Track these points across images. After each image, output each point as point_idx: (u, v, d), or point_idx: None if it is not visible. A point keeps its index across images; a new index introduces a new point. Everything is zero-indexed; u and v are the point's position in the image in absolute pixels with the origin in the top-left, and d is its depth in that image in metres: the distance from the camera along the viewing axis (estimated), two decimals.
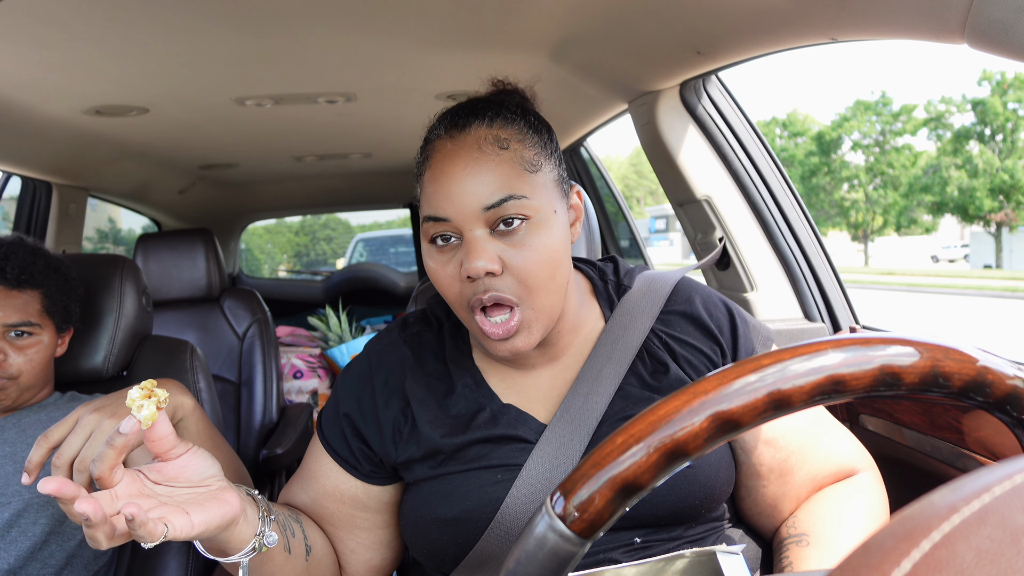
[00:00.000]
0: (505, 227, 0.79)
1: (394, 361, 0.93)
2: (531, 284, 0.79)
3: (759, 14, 1.06)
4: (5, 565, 1.06)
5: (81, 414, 0.90)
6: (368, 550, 0.94)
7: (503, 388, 0.90)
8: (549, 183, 0.83)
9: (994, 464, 0.27)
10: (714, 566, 0.65)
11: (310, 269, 12.16)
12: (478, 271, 0.77)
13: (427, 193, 0.82)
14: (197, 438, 1.02)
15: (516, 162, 0.80)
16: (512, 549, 0.46)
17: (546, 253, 0.80)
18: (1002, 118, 26.16)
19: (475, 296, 0.80)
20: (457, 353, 0.93)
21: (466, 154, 0.80)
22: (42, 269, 1.20)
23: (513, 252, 0.79)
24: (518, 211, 0.78)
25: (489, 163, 0.79)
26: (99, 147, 2.19)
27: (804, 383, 0.43)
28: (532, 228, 0.80)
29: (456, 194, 0.78)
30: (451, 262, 0.81)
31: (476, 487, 0.83)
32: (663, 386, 0.87)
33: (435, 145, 0.83)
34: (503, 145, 0.80)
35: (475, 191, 0.78)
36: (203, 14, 1.23)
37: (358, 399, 0.92)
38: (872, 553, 0.24)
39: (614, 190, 3.05)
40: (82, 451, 0.88)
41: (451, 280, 0.81)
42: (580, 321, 0.92)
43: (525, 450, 0.84)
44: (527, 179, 0.80)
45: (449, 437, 0.86)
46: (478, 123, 0.82)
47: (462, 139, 0.81)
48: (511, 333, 0.80)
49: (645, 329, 0.90)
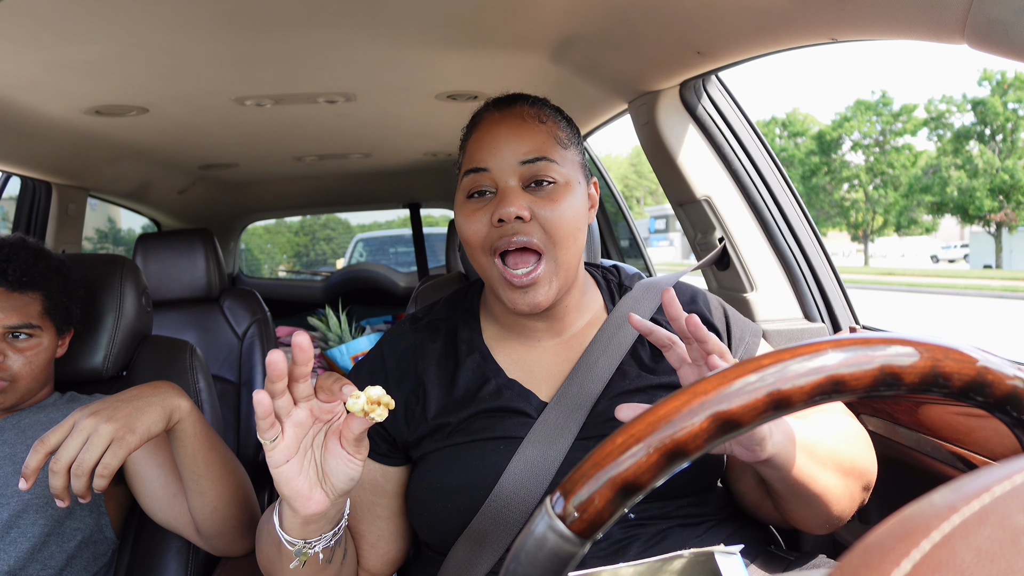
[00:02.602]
0: (536, 185, 0.90)
1: (406, 348, 1.00)
2: (556, 236, 0.88)
3: (759, 14, 1.06)
4: (5, 566, 1.06)
5: (77, 418, 0.90)
6: (387, 542, 0.98)
7: (509, 364, 0.96)
8: (576, 162, 0.95)
9: (994, 464, 0.27)
10: (712, 566, 0.65)
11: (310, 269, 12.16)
12: (510, 215, 0.86)
13: (470, 152, 0.93)
14: (195, 440, 1.01)
15: (551, 135, 0.92)
16: (512, 549, 0.46)
17: (571, 213, 0.90)
18: (1002, 118, 26.17)
19: (501, 239, 0.88)
20: (468, 332, 1.00)
21: (510, 120, 0.92)
22: (44, 271, 1.20)
23: (542, 204, 0.88)
24: (548, 173, 0.90)
25: (529, 129, 0.91)
26: (99, 147, 2.19)
27: (804, 383, 0.43)
28: (560, 189, 0.90)
29: (498, 148, 0.90)
30: (482, 211, 0.90)
31: (479, 456, 0.88)
32: (660, 368, 0.94)
33: (482, 115, 0.96)
34: (542, 120, 0.93)
35: (515, 147, 0.90)
36: (203, 14, 1.23)
37: (372, 381, 0.96)
38: (872, 553, 0.24)
39: (614, 190, 3.05)
40: (79, 455, 0.88)
41: (479, 226, 0.90)
42: (585, 304, 1.01)
43: (526, 424, 0.90)
44: (559, 151, 0.92)
45: (456, 410, 0.91)
46: (523, 102, 0.96)
47: (508, 111, 0.94)
48: (534, 282, 0.88)
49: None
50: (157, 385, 1.01)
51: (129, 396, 0.96)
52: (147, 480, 1.13)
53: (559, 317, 0.97)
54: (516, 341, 0.99)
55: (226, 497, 1.07)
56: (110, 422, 0.90)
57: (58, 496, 0.89)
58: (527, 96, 0.98)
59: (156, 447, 1.13)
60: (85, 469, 0.88)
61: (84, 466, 0.88)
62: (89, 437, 0.89)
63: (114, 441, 0.89)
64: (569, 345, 0.98)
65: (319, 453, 0.75)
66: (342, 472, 0.74)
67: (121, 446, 0.89)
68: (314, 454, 0.75)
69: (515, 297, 0.89)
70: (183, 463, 1.03)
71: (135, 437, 0.91)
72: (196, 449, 1.02)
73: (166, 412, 0.97)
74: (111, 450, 0.89)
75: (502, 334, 1.00)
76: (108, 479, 0.89)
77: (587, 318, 1.00)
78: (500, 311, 0.99)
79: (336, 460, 0.74)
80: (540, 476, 0.85)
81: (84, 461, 0.88)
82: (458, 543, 0.88)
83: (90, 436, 0.89)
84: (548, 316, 0.96)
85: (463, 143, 0.98)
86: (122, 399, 0.95)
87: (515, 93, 0.99)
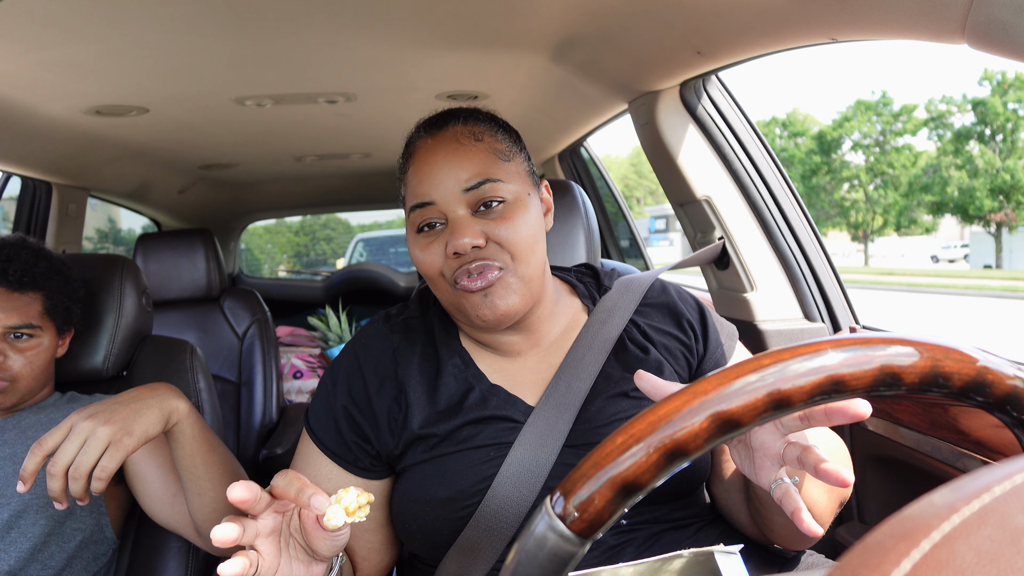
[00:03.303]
0: (486, 208, 0.86)
1: (382, 350, 0.95)
2: (515, 252, 0.85)
3: (759, 14, 1.06)
4: (5, 566, 1.06)
5: (75, 421, 0.90)
6: (378, 552, 0.96)
7: (491, 371, 0.93)
8: (522, 172, 0.91)
9: (994, 464, 0.27)
10: (712, 566, 0.65)
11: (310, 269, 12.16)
12: (464, 247, 0.83)
13: (411, 185, 0.89)
14: (193, 442, 1.01)
15: (490, 152, 0.88)
16: (512, 549, 0.46)
17: (526, 228, 0.87)
18: (1002, 118, 26.16)
19: (460, 269, 0.84)
20: (445, 335, 0.96)
21: (445, 146, 0.88)
22: (44, 271, 1.20)
23: (495, 226, 0.85)
24: (495, 193, 0.86)
25: (466, 152, 0.87)
26: (99, 147, 2.19)
27: (804, 383, 0.43)
28: (510, 207, 0.87)
29: (438, 178, 0.86)
30: (436, 243, 0.86)
31: (468, 466, 0.86)
32: (643, 368, 0.91)
33: (416, 144, 0.92)
34: (478, 138, 0.89)
35: (455, 175, 0.86)
36: (203, 14, 1.23)
37: (350, 391, 0.92)
38: (872, 553, 0.24)
39: (614, 190, 3.05)
40: (77, 458, 0.87)
41: (435, 259, 0.86)
42: (559, 311, 0.98)
43: (514, 429, 0.87)
44: (501, 166, 0.88)
45: (441, 420, 0.88)
46: (454, 122, 0.91)
47: (440, 135, 0.89)
48: (490, 284, 0.84)
49: (623, 322, 0.95)
50: (155, 387, 1.01)
51: (127, 398, 0.96)
52: (147, 480, 1.13)
53: (533, 328, 0.94)
54: (495, 353, 0.95)
55: (225, 498, 1.07)
56: (107, 424, 0.89)
57: (56, 499, 0.89)
58: (457, 112, 0.93)
59: (156, 447, 1.13)
60: (83, 472, 0.87)
61: (82, 469, 0.87)
62: (87, 440, 0.88)
63: (112, 444, 0.89)
64: (550, 351, 0.95)
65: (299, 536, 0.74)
66: (329, 546, 0.73)
67: (119, 449, 0.89)
68: (295, 538, 0.74)
69: (476, 303, 0.85)
70: (181, 465, 1.03)
71: (133, 440, 0.91)
72: (194, 451, 1.02)
73: (164, 414, 0.96)
74: (108, 453, 0.88)
75: (479, 347, 0.96)
76: (106, 482, 0.88)
77: (564, 323, 0.98)
78: (473, 331, 0.95)
79: (320, 539, 0.72)
80: (532, 481, 0.83)
81: (82, 464, 0.87)
82: (449, 554, 0.86)
83: (87, 439, 0.88)
84: (522, 329, 0.93)
85: (401, 175, 0.93)
86: (119, 401, 0.95)
87: (444, 111, 0.94)
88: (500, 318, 0.86)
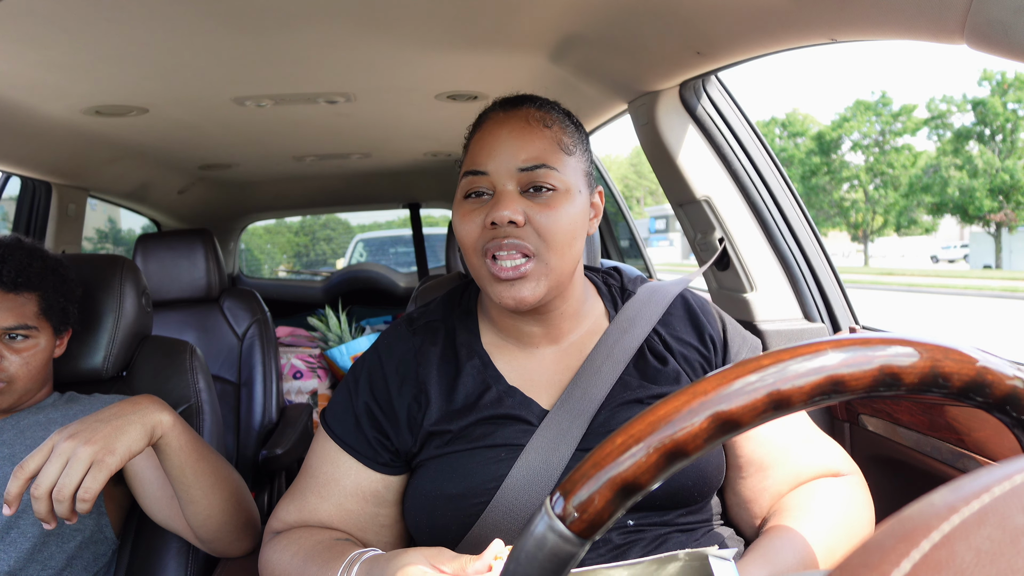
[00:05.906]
0: (535, 191, 0.88)
1: (404, 351, 0.97)
2: (550, 241, 0.87)
3: (759, 14, 1.06)
4: (5, 566, 1.06)
5: (56, 441, 0.89)
6: (393, 547, 0.97)
7: (509, 371, 0.95)
8: (579, 170, 0.93)
9: (994, 464, 0.27)
10: (706, 570, 0.65)
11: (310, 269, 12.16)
12: (503, 219, 0.85)
13: (471, 152, 0.92)
14: (180, 453, 1.00)
15: (555, 141, 0.90)
16: (512, 549, 0.46)
17: (568, 220, 0.88)
18: (1002, 118, 26.16)
19: (493, 240, 0.86)
20: (467, 336, 0.98)
21: (513, 123, 0.90)
22: (39, 271, 1.19)
23: (538, 210, 0.87)
24: (547, 179, 0.88)
25: (532, 134, 0.89)
26: (99, 147, 2.19)
27: (804, 383, 0.43)
28: (558, 196, 0.88)
29: (498, 151, 0.88)
30: (477, 212, 0.88)
31: (480, 464, 0.87)
32: (660, 377, 0.93)
33: (487, 115, 0.94)
34: (547, 124, 0.91)
35: (515, 152, 0.88)
36: (203, 14, 1.23)
37: (372, 390, 0.95)
38: (872, 553, 0.24)
39: (614, 190, 3.05)
40: (59, 480, 0.86)
41: (473, 227, 0.88)
42: (584, 312, 0.99)
43: (528, 431, 0.89)
44: (561, 157, 0.89)
45: (456, 417, 0.90)
46: (529, 105, 0.93)
47: (513, 112, 0.92)
48: (520, 275, 0.86)
49: (644, 333, 0.95)
50: (137, 401, 0.99)
51: (108, 415, 0.94)
52: (145, 481, 1.13)
53: (554, 323, 0.95)
54: (514, 347, 0.97)
55: (218, 504, 1.06)
56: (89, 444, 0.88)
57: (44, 520, 0.87)
58: (535, 98, 0.95)
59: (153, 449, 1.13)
60: (66, 494, 0.86)
61: (65, 491, 0.86)
62: (68, 461, 0.86)
63: (94, 464, 0.87)
64: (568, 353, 0.96)
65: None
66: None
67: (101, 469, 0.87)
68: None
69: (501, 290, 0.87)
70: (171, 475, 1.02)
71: (115, 458, 0.89)
72: (183, 461, 1.00)
73: (147, 429, 0.95)
74: (91, 473, 0.87)
75: (499, 340, 0.98)
76: (91, 502, 0.87)
77: (586, 326, 0.99)
78: (496, 313, 0.98)
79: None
80: (542, 483, 0.84)
81: (64, 486, 0.86)
82: (458, 550, 0.86)
83: (69, 459, 0.86)
84: (542, 321, 0.94)
85: (467, 142, 0.96)
86: (100, 419, 0.93)
87: (523, 94, 0.97)
88: (520, 303, 0.88)
